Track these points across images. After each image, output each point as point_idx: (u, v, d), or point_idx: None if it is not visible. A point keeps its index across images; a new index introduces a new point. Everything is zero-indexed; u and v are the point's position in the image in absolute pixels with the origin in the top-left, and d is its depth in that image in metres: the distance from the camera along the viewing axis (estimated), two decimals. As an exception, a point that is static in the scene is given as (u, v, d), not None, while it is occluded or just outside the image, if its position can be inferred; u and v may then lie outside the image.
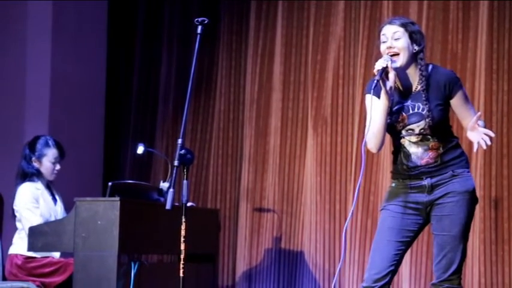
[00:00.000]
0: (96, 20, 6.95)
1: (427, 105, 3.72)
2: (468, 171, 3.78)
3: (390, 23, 3.80)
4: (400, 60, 3.74)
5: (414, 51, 3.76)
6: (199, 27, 3.87)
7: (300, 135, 6.50)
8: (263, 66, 6.68)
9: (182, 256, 3.70)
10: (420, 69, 3.76)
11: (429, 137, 3.75)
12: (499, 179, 5.72)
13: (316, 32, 6.48)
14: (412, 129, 3.76)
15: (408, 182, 3.79)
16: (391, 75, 3.72)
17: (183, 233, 3.68)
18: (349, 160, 6.24)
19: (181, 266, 3.71)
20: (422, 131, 3.74)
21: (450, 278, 3.74)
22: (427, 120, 3.71)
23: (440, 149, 3.76)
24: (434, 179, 3.75)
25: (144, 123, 7.13)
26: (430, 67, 3.82)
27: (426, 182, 3.76)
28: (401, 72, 3.78)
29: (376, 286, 3.77)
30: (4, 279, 5.00)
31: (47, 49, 6.56)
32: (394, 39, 3.76)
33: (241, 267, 6.55)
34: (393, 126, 3.78)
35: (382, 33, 3.80)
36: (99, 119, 6.99)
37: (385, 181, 5.98)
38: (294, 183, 6.45)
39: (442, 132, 3.75)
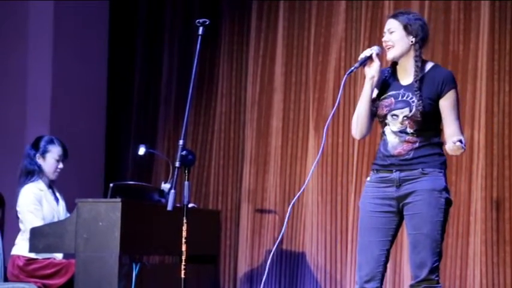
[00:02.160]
0: (97, 20, 6.95)
1: (417, 95, 3.76)
2: (440, 172, 3.79)
3: (389, 17, 3.92)
4: (393, 53, 3.85)
5: (411, 42, 3.83)
6: (201, 28, 3.87)
7: (301, 136, 6.50)
8: (264, 67, 6.68)
9: (183, 257, 3.70)
10: (415, 60, 3.82)
11: (409, 129, 3.79)
12: (501, 180, 5.71)
13: (317, 33, 6.48)
14: (396, 115, 3.81)
15: (381, 173, 3.84)
16: (375, 64, 3.85)
17: (184, 234, 3.68)
18: (350, 161, 6.23)
19: (183, 267, 3.71)
20: (405, 118, 3.78)
21: (428, 278, 3.75)
22: (417, 108, 3.74)
23: (416, 144, 3.79)
24: (402, 173, 3.78)
25: (145, 124, 7.12)
26: (430, 65, 3.87)
27: (395, 175, 3.80)
28: (399, 62, 3.87)
29: (368, 287, 3.80)
30: (6, 280, 5.00)
31: (48, 49, 6.56)
32: (389, 32, 3.86)
33: (242, 269, 6.55)
34: (381, 110, 3.84)
35: (384, 28, 3.92)
36: (100, 120, 6.99)
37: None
38: (295, 185, 6.45)
39: (424, 128, 3.77)
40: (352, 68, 3.87)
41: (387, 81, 3.91)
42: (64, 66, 6.61)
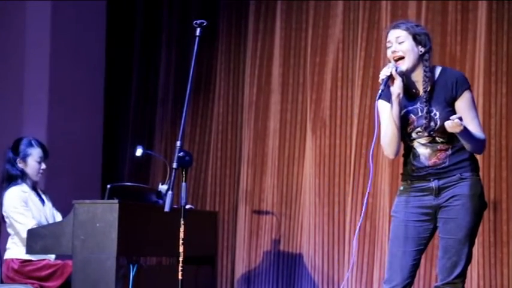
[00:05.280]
0: (94, 21, 6.95)
1: (426, 107, 3.72)
2: (477, 175, 3.78)
3: (393, 27, 3.83)
4: (406, 64, 3.77)
5: (420, 53, 3.78)
6: (198, 30, 3.87)
7: (298, 137, 6.50)
8: (262, 68, 6.68)
9: (181, 258, 3.70)
10: (425, 71, 3.77)
11: (438, 138, 3.75)
12: (498, 181, 5.72)
13: (314, 34, 6.48)
14: (421, 131, 3.77)
15: (416, 183, 3.80)
16: (397, 81, 3.75)
17: (181, 235, 3.68)
18: (347, 162, 6.24)
19: (180, 268, 3.70)
20: (431, 132, 3.74)
21: (454, 282, 3.75)
22: (430, 123, 3.71)
23: (449, 150, 3.76)
24: (441, 181, 3.75)
25: (142, 125, 7.12)
26: (439, 69, 3.83)
27: (433, 184, 3.76)
28: (409, 75, 3.80)
29: None
30: (1, 283, 4.98)
31: (45, 50, 6.56)
32: (398, 43, 3.78)
33: (240, 270, 6.55)
34: (403, 129, 3.79)
35: (387, 39, 3.83)
36: (97, 121, 6.99)
37: (384, 184, 5.98)
38: (292, 186, 6.45)
39: (452, 134, 3.72)
40: (380, 91, 3.72)
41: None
42: (61, 67, 6.61)
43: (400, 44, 3.77)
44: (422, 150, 3.79)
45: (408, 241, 3.79)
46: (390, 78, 3.75)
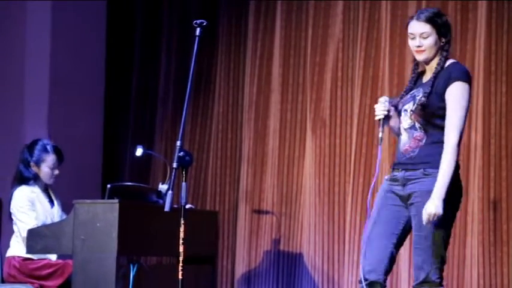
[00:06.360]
0: (95, 21, 6.96)
1: (426, 91, 3.74)
2: None
3: (417, 19, 3.82)
4: (426, 55, 3.81)
5: (442, 43, 3.82)
6: (198, 29, 3.87)
7: (298, 137, 6.50)
8: (262, 68, 6.68)
9: (181, 258, 3.70)
10: (440, 59, 3.81)
11: (417, 124, 3.77)
12: (498, 180, 5.72)
13: (314, 34, 6.48)
14: (406, 110, 3.81)
15: (393, 172, 3.86)
16: (393, 118, 3.84)
17: (182, 235, 3.69)
18: (347, 162, 6.24)
19: (180, 268, 3.71)
20: (411, 112, 3.76)
21: (427, 280, 3.72)
22: (419, 100, 3.73)
23: (423, 141, 3.77)
24: (407, 173, 3.78)
25: (143, 125, 7.12)
26: (451, 61, 3.85)
27: (400, 174, 3.80)
28: (427, 63, 3.85)
29: (370, 278, 3.78)
30: (2, 281, 4.99)
31: (45, 50, 6.56)
32: (422, 37, 3.80)
33: (240, 269, 6.55)
34: (398, 105, 3.87)
35: (409, 30, 3.84)
36: (98, 121, 6.99)
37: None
38: (292, 185, 6.45)
39: (430, 124, 3.75)
40: (380, 135, 3.81)
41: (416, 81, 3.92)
42: (62, 67, 6.61)
43: (424, 38, 3.79)
44: (404, 135, 3.83)
45: (382, 224, 3.81)
46: (387, 116, 3.81)
